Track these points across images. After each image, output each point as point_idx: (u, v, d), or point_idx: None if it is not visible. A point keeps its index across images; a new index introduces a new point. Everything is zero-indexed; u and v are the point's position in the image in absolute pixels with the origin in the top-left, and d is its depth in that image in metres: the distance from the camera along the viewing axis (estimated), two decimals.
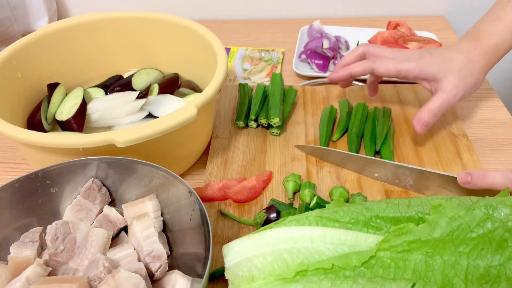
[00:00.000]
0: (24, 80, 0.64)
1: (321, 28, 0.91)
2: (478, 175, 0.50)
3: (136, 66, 0.75)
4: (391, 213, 0.40)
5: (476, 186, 0.50)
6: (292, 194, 0.57)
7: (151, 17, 0.70)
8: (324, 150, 0.61)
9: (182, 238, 0.47)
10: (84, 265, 0.42)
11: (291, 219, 0.42)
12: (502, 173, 0.48)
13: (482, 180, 0.49)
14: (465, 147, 0.64)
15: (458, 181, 0.51)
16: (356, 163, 0.59)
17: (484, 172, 0.50)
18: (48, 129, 0.63)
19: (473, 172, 0.50)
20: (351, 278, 0.37)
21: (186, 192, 0.45)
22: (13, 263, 0.42)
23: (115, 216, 0.48)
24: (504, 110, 0.72)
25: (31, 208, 0.47)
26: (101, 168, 0.49)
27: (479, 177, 0.50)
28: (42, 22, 0.97)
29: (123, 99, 0.64)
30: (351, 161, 0.60)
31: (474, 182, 0.50)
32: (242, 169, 0.62)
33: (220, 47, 0.62)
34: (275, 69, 0.85)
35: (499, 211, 0.37)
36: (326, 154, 0.62)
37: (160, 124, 0.49)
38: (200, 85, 0.70)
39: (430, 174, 0.55)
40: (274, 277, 0.38)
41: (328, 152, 0.61)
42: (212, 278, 0.49)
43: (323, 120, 0.68)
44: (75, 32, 0.69)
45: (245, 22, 1.02)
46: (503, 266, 0.36)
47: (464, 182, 0.51)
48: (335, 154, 0.61)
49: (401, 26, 0.90)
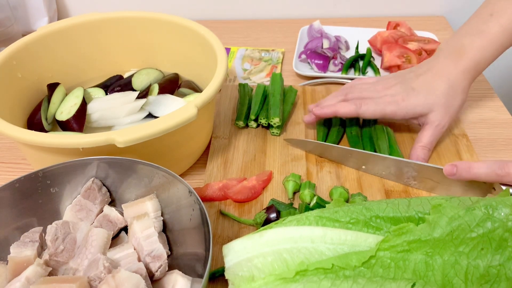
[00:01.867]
0: (24, 80, 0.64)
1: (321, 28, 0.91)
2: (463, 167, 0.51)
3: (136, 66, 0.75)
4: (391, 213, 0.40)
5: (462, 177, 0.51)
6: (292, 194, 0.57)
7: (151, 17, 0.70)
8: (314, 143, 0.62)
9: (182, 238, 0.47)
10: (84, 265, 0.42)
11: (291, 219, 0.42)
12: (486, 164, 0.49)
13: (467, 172, 0.51)
14: (465, 147, 0.64)
15: (444, 172, 0.53)
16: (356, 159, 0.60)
17: (469, 164, 0.51)
18: (48, 129, 0.63)
19: (459, 164, 0.51)
20: (351, 278, 0.37)
21: (186, 192, 0.45)
22: (13, 263, 0.42)
23: (115, 216, 0.48)
24: (504, 110, 0.72)
25: (31, 208, 0.47)
26: (101, 168, 0.49)
27: (464, 168, 0.51)
28: (42, 22, 0.97)
29: (123, 99, 0.64)
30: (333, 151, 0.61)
31: (459, 174, 0.51)
32: (242, 169, 0.62)
33: (220, 47, 0.62)
34: (275, 69, 0.85)
35: (499, 211, 0.37)
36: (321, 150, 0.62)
37: (160, 124, 0.49)
38: (200, 85, 0.70)
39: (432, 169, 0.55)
40: (274, 277, 0.38)
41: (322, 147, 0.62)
42: (212, 278, 0.49)
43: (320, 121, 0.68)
44: (75, 32, 0.69)
45: (245, 22, 1.02)
46: (503, 266, 0.36)
47: (449, 174, 0.52)
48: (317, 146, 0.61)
49: (401, 26, 0.90)
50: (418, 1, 1.02)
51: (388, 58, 0.81)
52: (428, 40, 0.85)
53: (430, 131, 0.60)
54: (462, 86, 0.60)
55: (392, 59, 0.80)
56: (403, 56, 0.80)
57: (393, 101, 0.60)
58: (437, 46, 0.83)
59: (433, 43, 0.84)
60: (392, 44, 0.83)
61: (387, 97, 0.61)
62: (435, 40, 0.86)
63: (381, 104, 0.61)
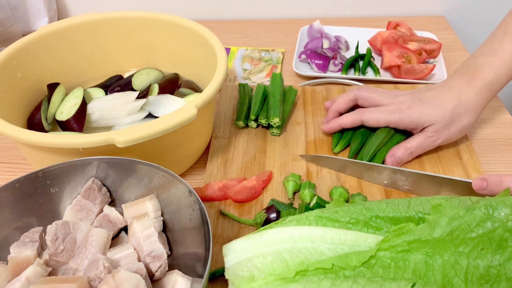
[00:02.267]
0: (24, 80, 0.64)
1: (321, 28, 0.91)
2: (494, 181, 0.49)
3: (136, 66, 0.75)
4: (391, 213, 0.40)
5: (492, 192, 0.49)
6: (292, 194, 0.57)
7: (151, 17, 0.70)
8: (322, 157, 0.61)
9: (182, 238, 0.47)
10: (84, 265, 0.42)
11: (291, 219, 0.42)
12: None
13: (498, 186, 0.48)
14: (465, 147, 0.64)
15: (474, 187, 0.50)
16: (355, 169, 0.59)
17: (500, 177, 0.48)
18: (48, 129, 0.63)
19: (489, 178, 0.49)
20: (351, 278, 0.37)
21: (186, 192, 0.45)
22: (13, 263, 0.42)
23: (115, 216, 0.48)
24: (504, 110, 0.72)
25: (31, 208, 0.47)
26: (101, 168, 0.49)
27: (495, 182, 0.48)
28: (42, 22, 0.97)
29: (123, 99, 0.64)
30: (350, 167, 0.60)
31: (490, 188, 0.49)
32: (242, 169, 0.62)
33: (220, 47, 0.62)
34: (275, 69, 0.85)
35: (499, 211, 0.37)
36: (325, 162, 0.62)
37: (160, 124, 0.49)
38: (200, 85, 0.70)
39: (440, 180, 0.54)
40: (274, 277, 0.38)
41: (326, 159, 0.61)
42: (212, 278, 0.49)
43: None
44: (75, 32, 0.69)
45: (245, 22, 1.02)
46: (503, 266, 0.36)
47: (479, 188, 0.49)
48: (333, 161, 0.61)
49: (401, 26, 0.90)
50: (418, 1, 1.02)
51: (388, 58, 0.81)
52: (428, 40, 0.85)
53: (420, 139, 0.60)
54: (473, 106, 0.59)
55: (392, 59, 0.80)
56: (403, 56, 0.80)
57: (398, 109, 0.60)
58: (437, 46, 0.83)
59: (433, 43, 0.84)
60: (392, 44, 0.83)
61: (393, 104, 0.61)
62: (435, 40, 0.86)
63: (385, 112, 0.60)
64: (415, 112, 0.59)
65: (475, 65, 0.60)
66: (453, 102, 0.58)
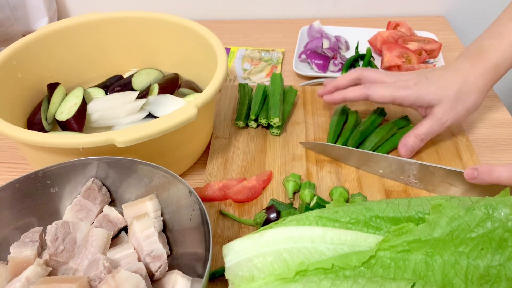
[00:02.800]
0: (24, 80, 0.64)
1: (321, 28, 0.91)
2: (484, 170, 0.50)
3: (136, 66, 0.75)
4: (391, 213, 0.40)
5: (483, 181, 0.50)
6: (292, 194, 0.57)
7: (151, 17, 0.70)
8: (327, 146, 0.62)
9: (182, 238, 0.47)
10: (84, 265, 0.42)
11: (291, 219, 0.42)
12: (508, 168, 0.49)
13: (488, 175, 0.50)
14: (465, 147, 0.64)
15: (465, 176, 0.52)
16: (359, 158, 0.60)
17: (490, 167, 0.50)
18: (48, 129, 0.63)
19: (480, 168, 0.51)
20: (351, 278, 0.37)
21: (186, 192, 0.45)
22: (13, 263, 0.42)
23: (115, 216, 0.48)
24: (504, 110, 0.72)
25: (31, 208, 0.47)
26: (101, 168, 0.49)
27: (486, 172, 0.50)
28: (42, 22, 0.97)
29: (123, 99, 0.64)
30: (353, 156, 0.60)
31: (480, 177, 0.50)
32: (242, 169, 0.62)
33: (220, 47, 0.62)
34: (275, 69, 0.85)
35: (499, 211, 0.37)
36: (329, 150, 0.62)
37: (160, 124, 0.49)
38: (200, 85, 0.70)
39: (434, 169, 0.55)
40: (274, 277, 0.38)
41: (331, 148, 0.61)
42: (212, 278, 0.49)
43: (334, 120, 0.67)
44: (75, 32, 0.69)
45: (245, 22, 1.02)
46: (503, 266, 0.36)
47: (470, 178, 0.51)
48: (338, 150, 0.61)
49: (401, 26, 0.90)
50: (418, 1, 1.02)
51: (388, 58, 0.81)
52: (428, 40, 0.85)
53: (430, 123, 0.59)
54: (479, 87, 0.59)
55: (392, 59, 0.80)
56: (403, 56, 0.80)
57: (405, 85, 0.59)
58: (437, 46, 0.83)
59: (433, 43, 0.84)
60: (392, 44, 0.83)
61: (399, 82, 0.60)
62: (435, 40, 0.86)
63: (392, 87, 0.60)
64: (422, 89, 0.59)
65: (480, 47, 0.60)
66: (459, 82, 0.58)
